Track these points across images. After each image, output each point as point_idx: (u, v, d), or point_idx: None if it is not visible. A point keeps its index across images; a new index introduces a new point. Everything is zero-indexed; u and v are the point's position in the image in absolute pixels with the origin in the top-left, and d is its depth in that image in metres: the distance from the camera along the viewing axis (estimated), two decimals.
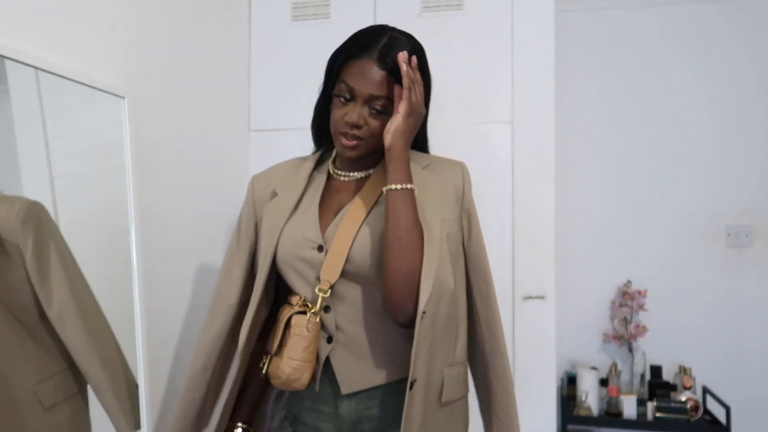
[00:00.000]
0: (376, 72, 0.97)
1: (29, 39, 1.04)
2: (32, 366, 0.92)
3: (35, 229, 0.91)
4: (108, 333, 1.15)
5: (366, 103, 0.98)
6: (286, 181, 1.09)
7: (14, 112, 1.03)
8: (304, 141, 1.91)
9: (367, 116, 0.98)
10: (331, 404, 1.01)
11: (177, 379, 1.52)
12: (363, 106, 0.98)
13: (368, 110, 0.98)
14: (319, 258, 0.99)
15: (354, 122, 0.97)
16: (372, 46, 0.99)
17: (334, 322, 0.99)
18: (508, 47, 1.80)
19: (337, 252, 0.97)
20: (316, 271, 0.99)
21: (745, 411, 2.08)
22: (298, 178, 1.08)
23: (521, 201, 1.78)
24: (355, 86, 0.97)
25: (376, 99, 0.98)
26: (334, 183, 1.09)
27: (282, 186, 1.09)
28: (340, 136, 1.00)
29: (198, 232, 1.63)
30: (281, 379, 0.96)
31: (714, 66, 2.21)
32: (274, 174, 1.13)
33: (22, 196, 0.93)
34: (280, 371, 0.96)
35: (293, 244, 1.01)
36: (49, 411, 0.94)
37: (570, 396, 2.10)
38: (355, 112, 0.97)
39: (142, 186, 1.32)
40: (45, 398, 0.93)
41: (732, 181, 2.19)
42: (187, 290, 1.57)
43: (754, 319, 2.15)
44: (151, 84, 1.41)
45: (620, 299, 2.20)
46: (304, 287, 1.00)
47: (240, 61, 1.92)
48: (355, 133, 0.98)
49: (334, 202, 1.05)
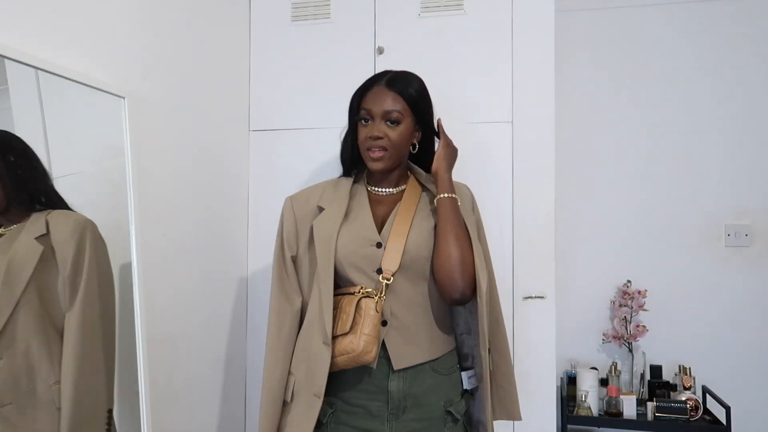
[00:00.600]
0: (386, 93, 1.24)
1: (29, 39, 1.04)
2: (54, 367, 1.01)
3: (78, 245, 1.04)
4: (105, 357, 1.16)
5: (382, 118, 1.23)
6: (330, 198, 1.29)
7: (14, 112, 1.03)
8: (304, 141, 1.92)
9: (385, 129, 1.23)
10: (383, 383, 1.20)
11: (177, 379, 1.52)
12: (381, 122, 1.23)
13: (385, 124, 1.23)
14: (378, 253, 1.20)
15: (375, 135, 1.22)
16: (381, 78, 1.27)
17: (389, 309, 1.20)
18: (508, 47, 1.80)
19: (394, 247, 1.20)
20: (375, 264, 1.20)
21: (745, 411, 2.08)
22: (341, 194, 1.30)
23: (521, 201, 1.78)
24: (371, 107, 1.24)
25: (389, 113, 1.23)
26: (373, 197, 1.32)
27: (327, 202, 1.29)
28: (367, 152, 1.24)
29: (198, 232, 1.63)
30: (355, 352, 1.13)
31: (714, 65, 2.21)
32: (311, 194, 1.33)
33: (81, 214, 1.07)
34: (355, 345, 1.13)
35: (354, 244, 1.22)
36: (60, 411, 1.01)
37: (570, 396, 2.10)
38: (375, 128, 1.23)
39: (142, 186, 1.32)
40: (59, 398, 1.01)
41: (732, 181, 2.19)
42: (187, 290, 1.57)
43: (754, 319, 2.15)
44: (151, 84, 1.41)
45: (620, 299, 2.20)
46: (362, 279, 1.21)
47: (240, 61, 1.92)
48: (378, 144, 1.22)
49: (378, 211, 1.28)
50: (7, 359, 0.93)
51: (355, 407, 1.21)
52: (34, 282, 0.96)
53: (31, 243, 0.96)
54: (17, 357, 0.95)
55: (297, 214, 1.30)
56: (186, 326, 1.57)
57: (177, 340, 1.52)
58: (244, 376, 1.93)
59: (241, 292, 1.91)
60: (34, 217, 0.99)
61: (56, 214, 1.03)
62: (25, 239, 0.96)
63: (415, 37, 1.85)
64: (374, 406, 1.20)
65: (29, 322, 0.96)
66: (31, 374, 0.97)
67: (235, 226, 1.87)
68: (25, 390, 0.96)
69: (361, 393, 1.21)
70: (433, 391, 1.22)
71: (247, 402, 1.93)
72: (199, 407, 1.64)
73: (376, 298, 1.15)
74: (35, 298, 0.96)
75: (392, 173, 1.31)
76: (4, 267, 0.92)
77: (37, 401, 0.98)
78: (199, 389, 1.64)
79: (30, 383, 0.97)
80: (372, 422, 1.20)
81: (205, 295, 1.68)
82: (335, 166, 1.88)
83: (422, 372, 1.22)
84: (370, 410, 1.20)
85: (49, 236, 0.98)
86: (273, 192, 1.92)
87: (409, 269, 1.21)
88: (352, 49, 1.89)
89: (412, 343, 1.21)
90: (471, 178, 1.73)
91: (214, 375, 1.74)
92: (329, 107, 1.90)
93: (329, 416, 1.22)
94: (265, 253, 1.92)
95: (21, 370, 0.96)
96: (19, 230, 0.97)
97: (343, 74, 1.89)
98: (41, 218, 0.99)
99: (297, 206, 1.31)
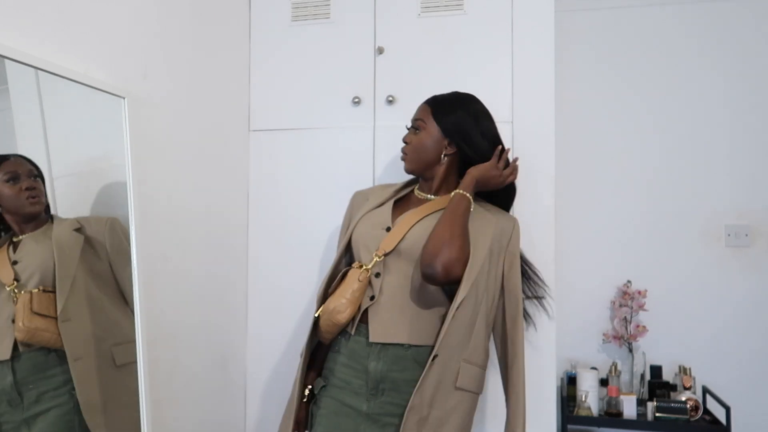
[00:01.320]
0: (423, 107, 1.43)
1: (29, 39, 1.04)
2: (113, 331, 1.26)
3: (114, 236, 1.27)
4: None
5: (411, 127, 1.42)
6: (379, 192, 1.48)
7: (14, 112, 1.03)
8: (304, 141, 1.92)
9: (410, 136, 1.41)
10: (363, 363, 1.28)
11: (177, 379, 1.52)
12: (411, 130, 1.42)
13: (412, 132, 1.41)
14: (384, 236, 1.32)
15: (404, 140, 1.42)
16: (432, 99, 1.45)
17: (380, 286, 1.29)
18: (508, 47, 1.80)
19: (396, 232, 1.31)
20: (378, 245, 1.31)
21: (745, 411, 2.08)
22: (388, 190, 1.47)
23: (521, 201, 1.78)
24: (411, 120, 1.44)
25: (414, 121, 1.42)
26: (413, 198, 1.45)
27: (375, 197, 1.46)
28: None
29: (198, 232, 1.63)
30: (327, 310, 1.27)
31: (714, 65, 2.21)
32: (373, 190, 1.51)
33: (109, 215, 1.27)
34: (330, 305, 1.27)
35: (368, 227, 1.37)
36: (119, 369, 1.25)
37: (570, 396, 2.10)
38: (407, 135, 1.42)
39: (142, 186, 1.32)
40: (118, 357, 1.24)
41: (732, 181, 2.19)
42: (187, 290, 1.57)
43: (754, 319, 2.15)
44: (151, 84, 1.41)
45: (620, 299, 2.20)
46: (367, 257, 1.32)
47: (240, 61, 1.92)
48: (404, 148, 1.42)
49: (404, 206, 1.42)
50: (75, 321, 1.14)
51: (343, 383, 1.31)
52: (81, 264, 1.18)
53: (71, 234, 1.16)
54: (83, 321, 1.17)
55: (353, 206, 1.49)
56: (186, 326, 1.57)
57: (177, 340, 1.52)
58: (244, 376, 1.93)
59: (241, 291, 1.91)
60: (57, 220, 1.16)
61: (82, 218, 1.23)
62: (65, 231, 1.16)
63: (415, 37, 1.85)
64: (356, 383, 1.28)
65: (86, 294, 1.18)
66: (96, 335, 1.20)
67: (235, 226, 1.87)
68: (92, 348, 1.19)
69: (349, 369, 1.30)
70: (412, 382, 1.23)
71: (247, 402, 1.93)
72: (199, 407, 1.64)
73: (361, 270, 1.28)
74: (85, 276, 1.19)
75: (430, 181, 1.42)
76: (55, 250, 1.12)
77: (102, 358, 1.20)
78: (199, 389, 1.64)
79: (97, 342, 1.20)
80: (354, 399, 1.28)
81: (205, 294, 1.68)
82: (335, 166, 1.89)
83: (402, 359, 1.27)
84: (353, 387, 1.28)
85: (83, 229, 1.19)
86: (273, 192, 1.93)
87: (404, 253, 1.30)
88: (352, 49, 1.89)
89: (393, 322, 1.28)
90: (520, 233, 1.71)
91: (214, 375, 1.74)
92: (329, 107, 1.90)
93: (321, 389, 1.34)
94: (265, 253, 1.92)
95: (88, 331, 1.18)
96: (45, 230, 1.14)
97: (343, 74, 1.89)
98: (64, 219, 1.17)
99: (356, 199, 1.51)
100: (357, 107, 1.87)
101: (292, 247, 1.90)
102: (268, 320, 1.91)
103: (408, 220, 1.33)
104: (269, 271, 1.92)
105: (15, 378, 1.05)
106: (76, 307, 1.15)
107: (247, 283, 1.94)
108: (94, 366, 1.18)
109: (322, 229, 1.87)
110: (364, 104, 1.85)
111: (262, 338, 1.91)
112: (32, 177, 1.09)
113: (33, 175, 1.09)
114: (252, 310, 1.93)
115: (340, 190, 1.79)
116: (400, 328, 1.27)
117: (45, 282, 1.11)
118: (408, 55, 1.84)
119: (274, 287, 1.91)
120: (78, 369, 1.12)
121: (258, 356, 1.92)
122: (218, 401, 1.76)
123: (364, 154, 1.86)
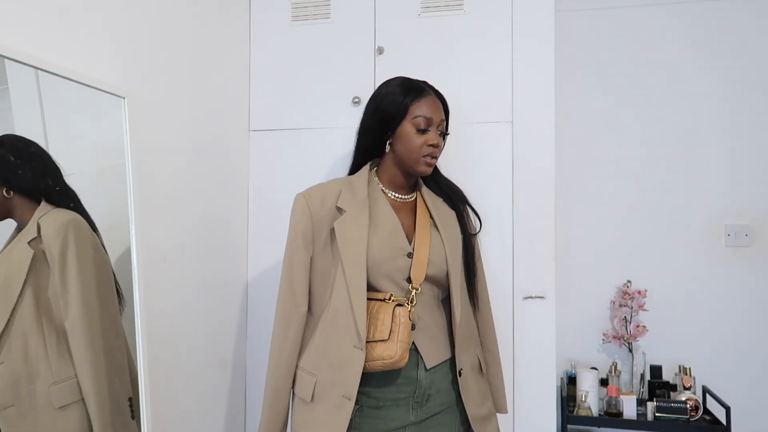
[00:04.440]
0: (439, 105, 1.31)
1: (29, 39, 1.04)
2: (52, 368, 1.04)
3: (62, 243, 1.06)
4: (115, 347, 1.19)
5: (438, 128, 1.30)
6: (349, 200, 1.29)
7: (14, 112, 1.03)
8: (304, 141, 1.92)
9: (439, 139, 1.30)
10: (413, 375, 1.26)
11: (177, 378, 1.52)
12: (436, 131, 1.29)
13: (438, 134, 1.30)
14: (409, 263, 1.26)
15: (436, 143, 1.29)
16: (428, 87, 1.33)
17: (417, 314, 1.26)
18: (508, 47, 1.80)
19: (420, 258, 1.26)
20: (404, 273, 1.26)
21: (745, 411, 2.08)
22: (360, 197, 1.29)
23: (521, 201, 1.78)
24: (432, 116, 1.28)
25: (442, 123, 1.32)
26: (393, 203, 1.35)
27: (346, 203, 1.28)
28: (424, 158, 1.29)
29: (198, 232, 1.63)
30: (393, 359, 1.17)
31: (714, 65, 2.21)
32: (326, 193, 1.31)
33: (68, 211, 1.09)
34: (392, 352, 1.17)
35: (387, 253, 1.25)
36: (60, 411, 1.05)
37: (570, 396, 2.10)
38: (435, 136, 1.29)
39: (142, 186, 1.32)
40: (57, 399, 1.04)
41: (732, 181, 2.19)
42: (187, 290, 1.57)
43: (754, 319, 2.15)
44: (151, 84, 1.41)
45: (620, 299, 2.20)
46: (390, 287, 1.25)
47: (240, 61, 1.92)
48: (435, 153, 1.30)
49: (403, 220, 1.32)
50: (7, 363, 0.97)
51: (380, 400, 1.25)
52: (28, 286, 0.99)
53: (23, 248, 1.00)
54: (16, 361, 0.99)
55: (313, 214, 1.28)
56: (186, 326, 1.57)
57: (177, 340, 1.52)
58: (244, 376, 1.93)
59: (241, 291, 1.91)
60: (32, 221, 1.02)
61: (48, 216, 1.06)
62: (20, 245, 1.00)
63: (415, 37, 1.85)
64: (401, 396, 1.25)
65: (26, 326, 0.99)
66: (30, 376, 1.01)
67: (235, 226, 1.87)
68: (25, 392, 1.00)
69: (389, 386, 1.25)
70: (453, 381, 1.32)
71: (247, 402, 1.93)
72: (199, 407, 1.64)
73: (410, 308, 1.22)
74: (31, 302, 1.00)
75: (412, 180, 1.37)
76: (3, 274, 0.96)
77: (37, 402, 1.01)
78: (199, 389, 1.64)
79: (30, 385, 1.01)
80: (397, 411, 1.25)
81: (205, 294, 1.68)
82: (335, 165, 1.89)
83: (444, 367, 1.31)
84: (396, 401, 1.25)
85: (39, 239, 1.01)
86: (273, 192, 1.93)
87: (432, 278, 1.28)
88: (352, 49, 1.89)
89: (437, 342, 1.30)
90: (471, 178, 1.73)
91: (214, 375, 1.74)
92: (329, 107, 1.90)
93: (355, 412, 1.23)
94: (264, 253, 1.92)
95: (20, 373, 0.99)
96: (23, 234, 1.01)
97: (343, 74, 1.89)
98: (35, 222, 1.03)
99: (313, 205, 1.28)
100: (357, 107, 1.87)
101: None
102: (268, 320, 1.90)
103: (423, 242, 1.28)
104: (269, 270, 1.92)
105: None
106: (9, 347, 0.98)
107: (247, 283, 1.94)
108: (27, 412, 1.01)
109: None
110: (364, 104, 1.85)
111: (262, 338, 1.91)
112: None
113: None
114: (252, 310, 1.93)
115: None
116: (444, 345, 1.31)
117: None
118: (408, 55, 1.84)
119: (274, 287, 1.90)
120: (8, 418, 0.96)
121: (258, 356, 1.92)
122: (218, 401, 1.76)
123: None
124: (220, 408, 1.77)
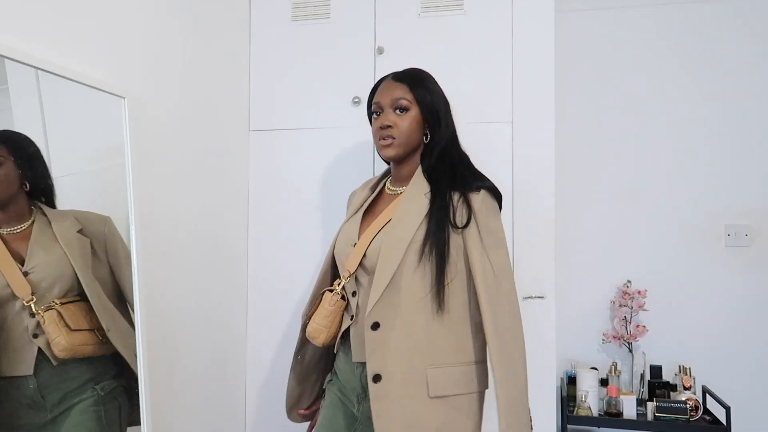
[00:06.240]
0: (394, 84, 1.28)
1: (29, 39, 1.04)
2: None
3: (112, 237, 1.25)
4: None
5: (391, 107, 1.26)
6: (359, 196, 1.39)
7: (14, 112, 1.03)
8: (304, 141, 1.92)
9: (394, 118, 1.26)
10: (354, 369, 1.26)
11: (177, 378, 1.52)
12: (390, 112, 1.26)
13: (394, 113, 1.26)
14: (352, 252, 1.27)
15: (385, 124, 1.25)
16: (389, 75, 1.32)
17: (356, 304, 1.25)
18: (508, 47, 1.80)
19: (359, 249, 1.24)
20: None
21: (745, 411, 2.08)
22: (363, 193, 1.38)
23: (521, 201, 1.78)
24: (380, 100, 1.28)
25: (397, 101, 1.26)
26: (385, 196, 1.35)
27: (356, 199, 1.39)
28: (379, 142, 1.28)
29: (198, 232, 1.63)
30: (308, 334, 1.27)
31: (714, 66, 2.21)
32: (357, 190, 1.44)
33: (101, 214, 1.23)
34: (310, 329, 1.27)
35: (343, 243, 1.31)
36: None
37: (570, 396, 2.10)
38: (385, 118, 1.26)
39: (142, 186, 1.32)
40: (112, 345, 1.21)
41: (732, 181, 2.19)
42: (187, 290, 1.57)
43: (754, 319, 2.15)
44: (151, 84, 1.41)
45: (620, 299, 2.20)
46: (344, 274, 1.27)
47: (240, 61, 1.92)
48: (387, 133, 1.26)
49: (378, 211, 1.31)
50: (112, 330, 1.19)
51: (341, 381, 1.33)
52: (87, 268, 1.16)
53: (77, 237, 1.14)
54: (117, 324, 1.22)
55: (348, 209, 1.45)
56: (186, 326, 1.57)
57: (177, 340, 1.52)
58: (244, 376, 1.93)
59: (241, 291, 1.91)
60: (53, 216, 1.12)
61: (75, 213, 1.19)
62: (69, 233, 1.13)
63: (415, 37, 1.85)
64: (349, 384, 1.29)
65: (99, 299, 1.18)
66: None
67: (235, 226, 1.87)
68: None
69: (343, 372, 1.31)
70: None
71: (247, 402, 1.93)
72: (199, 407, 1.64)
73: (333, 294, 1.26)
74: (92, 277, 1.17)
75: (406, 170, 1.31)
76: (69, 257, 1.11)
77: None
78: (199, 389, 1.64)
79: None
80: (349, 397, 1.30)
81: (205, 294, 1.68)
82: (335, 165, 1.89)
83: None
84: (350, 387, 1.29)
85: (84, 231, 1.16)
86: (273, 192, 1.93)
87: (369, 270, 1.22)
88: (352, 49, 1.89)
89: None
90: None
91: (214, 375, 1.74)
92: (329, 107, 1.90)
93: (328, 382, 1.38)
94: (264, 253, 1.92)
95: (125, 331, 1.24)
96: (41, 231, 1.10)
97: (343, 74, 1.89)
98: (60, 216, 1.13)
99: (350, 201, 1.46)
100: (357, 107, 1.87)
101: (292, 247, 1.90)
102: (268, 320, 1.91)
103: (368, 233, 1.24)
104: (269, 271, 1.92)
105: (38, 384, 1.06)
106: (105, 312, 1.17)
107: (247, 283, 1.94)
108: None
109: (322, 228, 1.87)
110: (364, 104, 1.85)
111: (262, 338, 1.91)
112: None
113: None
114: (252, 310, 1.93)
115: (339, 190, 1.79)
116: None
117: (64, 292, 1.09)
118: (408, 55, 1.84)
119: (274, 287, 1.91)
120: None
121: (258, 356, 1.92)
122: (218, 401, 1.76)
123: (364, 154, 1.86)
124: (220, 408, 1.77)
